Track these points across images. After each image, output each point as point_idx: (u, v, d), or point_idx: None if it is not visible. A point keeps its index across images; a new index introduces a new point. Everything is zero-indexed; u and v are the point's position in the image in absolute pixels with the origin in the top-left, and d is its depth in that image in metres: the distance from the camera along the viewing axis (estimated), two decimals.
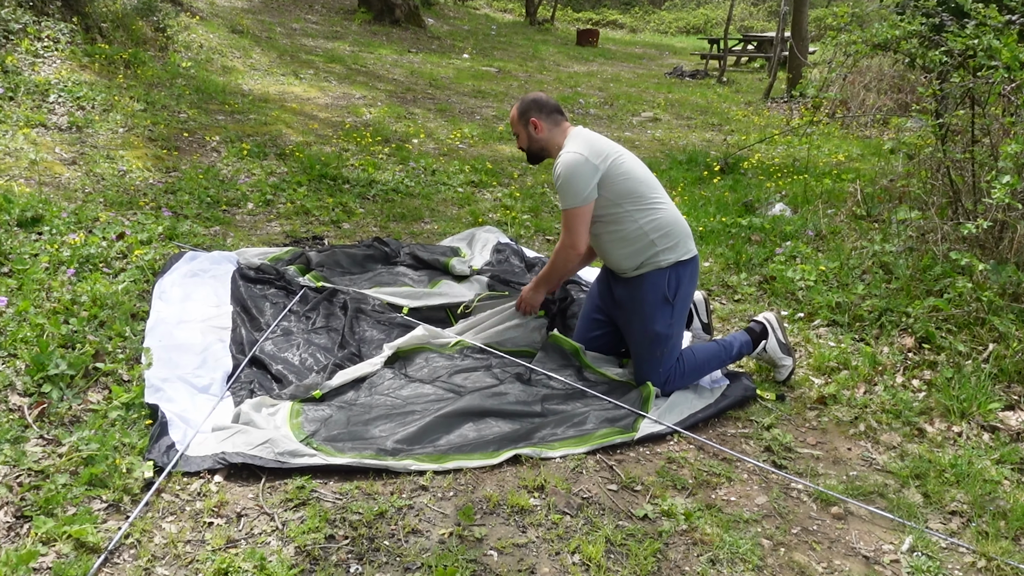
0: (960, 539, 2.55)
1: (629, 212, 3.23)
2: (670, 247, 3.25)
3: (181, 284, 3.92)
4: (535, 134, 3.42)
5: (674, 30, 28.39)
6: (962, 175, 4.55)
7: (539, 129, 3.41)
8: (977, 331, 3.66)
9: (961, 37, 4.06)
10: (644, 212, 3.23)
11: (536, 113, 3.41)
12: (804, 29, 12.84)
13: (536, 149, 3.48)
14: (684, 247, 3.30)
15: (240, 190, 5.72)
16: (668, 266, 3.25)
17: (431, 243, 5.10)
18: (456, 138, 8.40)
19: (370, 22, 16.93)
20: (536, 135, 3.42)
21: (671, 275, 3.26)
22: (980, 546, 2.50)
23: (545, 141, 3.43)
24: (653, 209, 3.26)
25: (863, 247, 4.65)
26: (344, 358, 3.46)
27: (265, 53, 11.72)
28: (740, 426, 3.21)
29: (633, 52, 20.61)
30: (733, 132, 9.91)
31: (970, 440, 3.10)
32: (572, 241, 3.27)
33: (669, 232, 3.26)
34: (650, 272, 3.26)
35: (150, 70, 8.11)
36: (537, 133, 3.42)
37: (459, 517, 2.51)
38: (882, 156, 6.99)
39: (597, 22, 27.75)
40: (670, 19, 29.43)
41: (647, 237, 3.23)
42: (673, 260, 3.25)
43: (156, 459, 2.59)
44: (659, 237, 3.23)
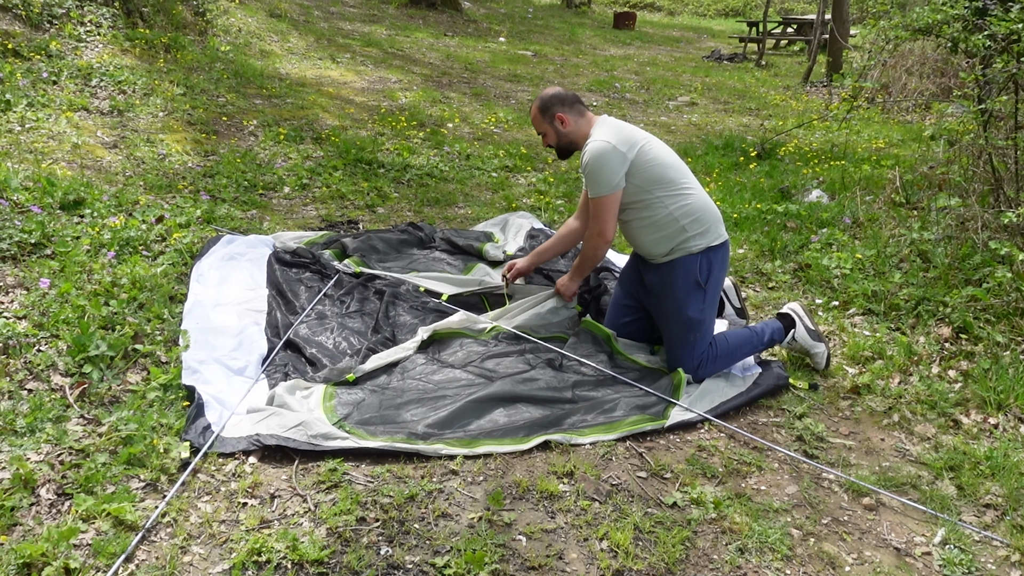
0: (994, 532, 2.53)
1: (659, 198, 3.22)
2: (701, 232, 3.24)
3: (218, 267, 3.98)
4: (562, 128, 3.40)
5: (712, 12, 28.03)
6: (1005, 162, 4.46)
7: (566, 123, 3.39)
8: (1016, 322, 3.59)
9: (1006, 21, 3.97)
10: (674, 198, 3.22)
11: (559, 107, 3.39)
12: (845, 12, 12.61)
13: (565, 143, 3.45)
14: (715, 232, 3.28)
15: (277, 174, 5.78)
16: (699, 251, 3.24)
17: (464, 228, 5.12)
18: (491, 122, 8.39)
19: (407, 5, 16.94)
20: (564, 129, 3.40)
21: (702, 260, 3.24)
22: (1015, 540, 2.47)
23: (573, 134, 3.41)
24: (683, 195, 3.24)
25: (901, 235, 4.58)
26: (377, 342, 3.49)
27: (302, 37, 11.79)
28: (772, 415, 3.19)
29: (670, 35, 20.39)
30: (771, 117, 9.78)
31: (1007, 432, 3.06)
32: (601, 229, 3.28)
33: (699, 218, 3.24)
34: (681, 258, 3.25)
35: (190, 54, 8.20)
36: (564, 127, 3.40)
37: (488, 502, 2.53)
38: (922, 142, 6.87)
39: (635, 5, 27.49)
40: (708, 1, 29.04)
41: (677, 223, 3.22)
42: (704, 245, 3.24)
43: (192, 440, 2.65)
44: (689, 223, 3.22)
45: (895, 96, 9.63)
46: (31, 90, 5.92)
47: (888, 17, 5.22)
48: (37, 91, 5.95)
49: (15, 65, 6.16)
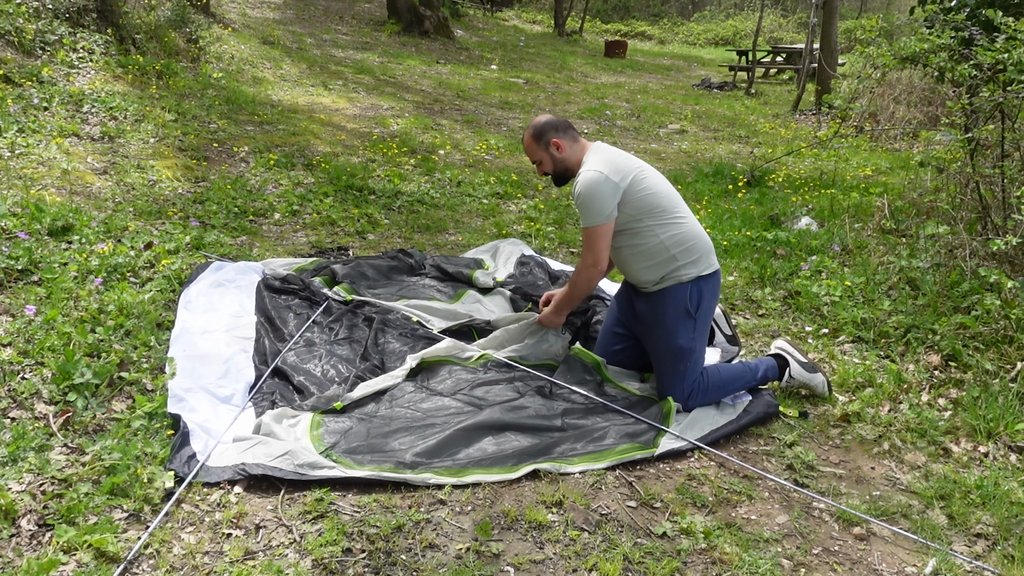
0: (985, 563, 2.51)
1: (650, 227, 3.21)
2: (692, 261, 3.24)
3: (207, 294, 3.96)
4: (558, 154, 3.38)
5: (703, 41, 28.31)
6: (992, 190, 4.49)
7: (561, 148, 3.37)
8: (1005, 349, 3.60)
9: (991, 51, 4.02)
10: (665, 227, 3.22)
11: (553, 133, 3.37)
12: (833, 41, 12.75)
13: (561, 170, 3.42)
14: (706, 262, 3.28)
15: (267, 200, 5.78)
16: (689, 280, 3.23)
17: (455, 255, 5.12)
18: (482, 149, 8.43)
19: (399, 33, 17.06)
20: (559, 155, 3.38)
21: (692, 289, 3.24)
22: (1006, 570, 2.45)
23: (568, 160, 3.38)
24: (674, 224, 3.24)
25: (890, 262, 4.59)
26: (366, 370, 3.47)
27: (295, 64, 11.84)
28: (762, 443, 3.18)
29: (661, 63, 20.57)
30: (760, 145, 9.85)
31: (997, 461, 3.05)
32: (594, 259, 3.25)
33: (691, 247, 3.24)
34: (672, 286, 3.24)
35: (182, 81, 8.22)
36: (560, 153, 3.37)
37: (477, 532, 2.51)
38: (911, 170, 6.92)
39: (626, 33, 27.74)
40: (699, 31, 29.35)
41: (668, 252, 3.22)
42: (695, 274, 3.24)
43: (177, 469, 2.62)
44: (680, 252, 3.22)
45: (883, 124, 9.71)
46: (22, 116, 5.92)
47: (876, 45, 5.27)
48: (28, 117, 5.95)
49: (6, 91, 6.17)
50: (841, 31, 16.14)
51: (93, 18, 8.00)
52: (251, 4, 16.33)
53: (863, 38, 5.39)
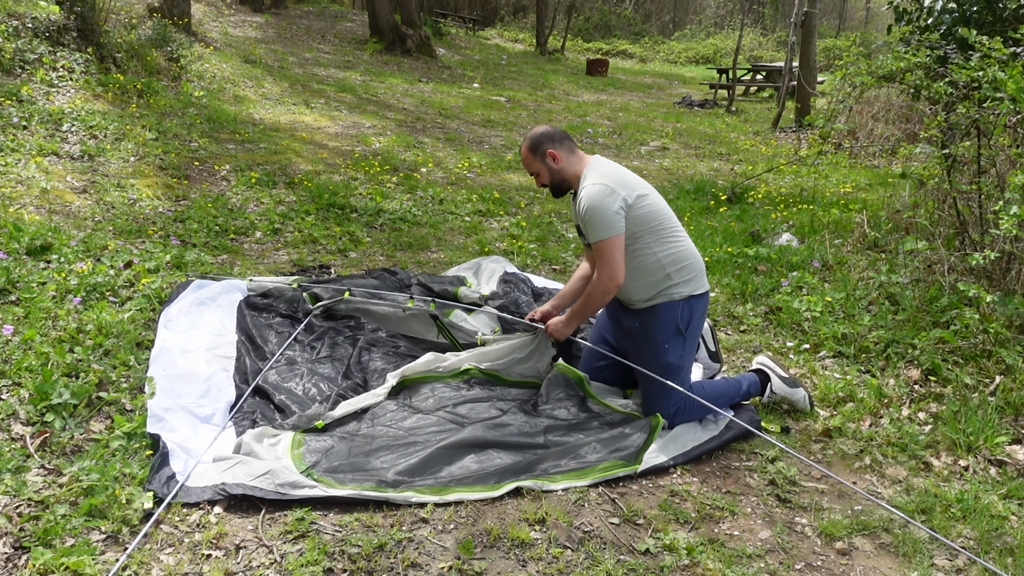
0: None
1: (648, 244, 3.21)
2: (685, 281, 3.24)
3: (187, 313, 3.93)
4: (555, 165, 3.34)
5: (684, 60, 28.57)
6: (969, 206, 4.54)
7: (558, 159, 3.33)
8: (984, 363, 3.63)
9: (966, 69, 4.08)
10: (662, 244, 3.22)
11: (550, 144, 3.33)
12: (812, 59, 12.90)
13: (558, 181, 3.37)
14: (698, 282, 3.29)
15: (249, 219, 5.76)
16: (681, 299, 3.24)
17: (437, 272, 5.11)
18: (464, 167, 8.44)
19: (382, 52, 17.12)
20: (556, 166, 3.34)
21: (684, 307, 3.24)
22: None
23: (566, 171, 3.34)
24: (672, 242, 3.24)
25: (870, 278, 4.63)
26: (348, 388, 3.46)
27: (277, 82, 11.85)
28: (744, 459, 3.18)
29: (643, 82, 20.73)
30: (741, 162, 9.93)
31: (977, 474, 3.07)
32: (612, 273, 3.17)
33: (686, 266, 3.25)
34: (663, 303, 3.24)
35: (163, 99, 8.20)
36: (557, 164, 3.33)
37: (459, 550, 2.49)
38: (889, 186, 6.99)
39: (607, 52, 27.96)
40: (680, 49, 29.63)
41: (663, 270, 3.22)
42: (687, 293, 3.24)
43: (156, 490, 2.59)
44: (675, 271, 3.22)
45: (862, 141, 9.82)
46: (1, 135, 5.88)
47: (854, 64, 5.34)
48: (7, 136, 5.92)
49: None
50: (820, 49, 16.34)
51: (73, 37, 7.98)
52: (233, 23, 16.36)
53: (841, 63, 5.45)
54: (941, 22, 6.38)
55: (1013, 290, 3.93)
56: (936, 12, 6.50)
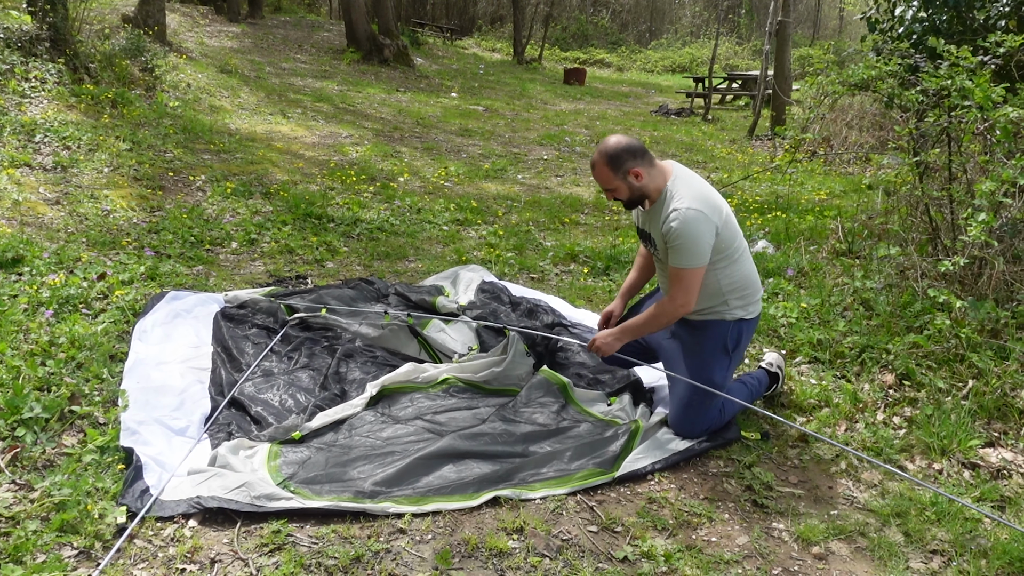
0: None
1: (716, 266, 3.13)
2: (740, 305, 3.24)
3: (162, 325, 3.90)
4: (637, 183, 3.11)
5: (660, 69, 28.75)
6: (941, 212, 4.60)
7: (640, 177, 3.10)
8: (957, 368, 3.67)
9: (936, 77, 4.13)
10: (727, 266, 3.16)
11: (632, 161, 3.08)
12: (787, 68, 13.02)
13: (638, 197, 3.18)
14: (753, 306, 3.28)
15: (224, 229, 5.72)
16: (733, 320, 3.24)
17: (415, 282, 5.10)
18: (442, 176, 8.44)
19: (359, 61, 17.10)
20: (638, 183, 3.11)
21: (734, 329, 3.25)
22: None
23: (647, 188, 3.14)
24: (736, 262, 3.18)
25: (844, 284, 4.67)
26: (325, 399, 3.44)
27: (253, 92, 11.80)
28: (722, 465, 3.19)
29: (620, 90, 20.84)
30: (717, 169, 9.99)
31: (951, 477, 3.10)
32: (686, 301, 3.08)
33: (744, 293, 3.23)
34: (715, 320, 3.24)
35: (137, 110, 8.14)
36: (639, 181, 3.11)
37: (437, 561, 2.48)
38: (863, 193, 7.06)
39: (584, 61, 28.09)
40: (656, 58, 29.82)
41: (721, 294, 3.19)
42: (740, 316, 3.24)
43: (130, 504, 2.56)
44: (732, 295, 3.21)
45: (836, 149, 9.92)
46: None
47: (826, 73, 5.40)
48: None
49: None
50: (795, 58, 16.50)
51: (46, 47, 7.90)
52: (209, 33, 16.28)
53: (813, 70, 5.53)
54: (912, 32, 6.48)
55: (984, 295, 3.97)
56: (907, 22, 6.60)
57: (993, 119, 3.84)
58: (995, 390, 3.45)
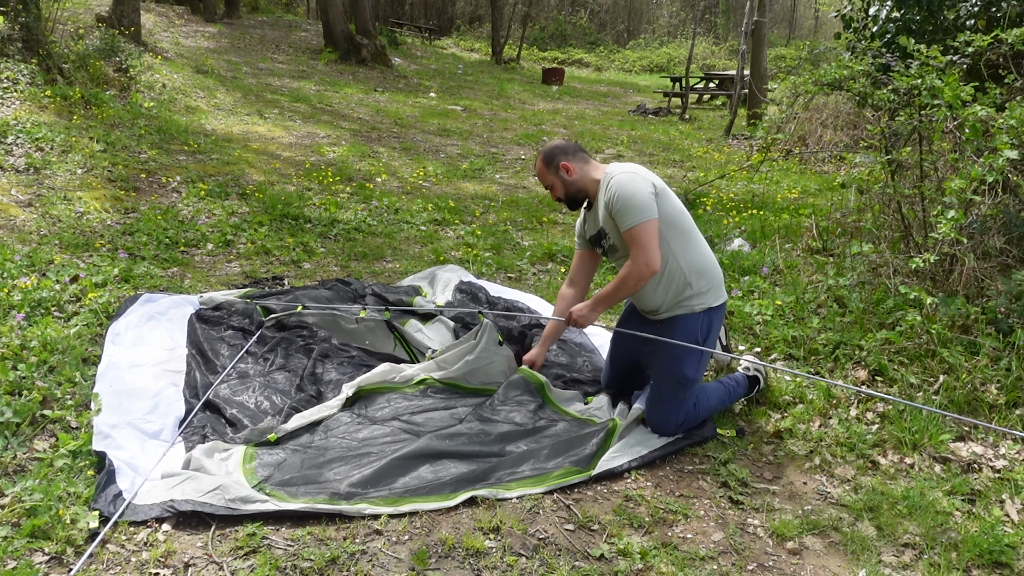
0: (913, 571, 2.57)
1: (671, 245, 3.18)
2: (705, 291, 3.25)
3: (136, 327, 3.86)
4: (569, 177, 3.34)
5: (638, 68, 28.85)
6: (912, 209, 4.65)
7: (571, 171, 3.33)
8: (928, 363, 3.71)
9: (907, 77, 4.17)
10: (685, 249, 3.21)
11: (563, 157, 3.34)
12: (763, 67, 13.11)
13: (573, 192, 3.37)
14: (717, 292, 3.30)
15: (200, 230, 5.68)
16: (702, 311, 3.26)
17: (392, 282, 5.09)
18: (420, 176, 8.43)
19: (336, 61, 17.04)
20: (570, 178, 3.34)
21: (704, 320, 3.27)
22: None
23: (580, 181, 3.34)
24: (693, 246, 3.24)
25: (818, 281, 4.71)
26: (301, 401, 3.42)
27: (230, 93, 11.73)
28: (697, 462, 3.21)
29: (598, 90, 20.89)
30: (694, 168, 10.05)
31: (922, 472, 3.14)
32: (648, 257, 3.08)
33: (707, 276, 3.26)
34: (683, 315, 3.26)
35: (111, 110, 8.07)
36: (570, 176, 3.33)
37: (413, 562, 2.48)
38: (837, 191, 7.12)
39: (563, 61, 28.13)
40: (634, 58, 29.92)
41: (685, 278, 3.22)
42: (707, 305, 3.26)
43: (102, 508, 2.54)
44: (696, 280, 3.23)
45: (811, 148, 9.99)
46: None
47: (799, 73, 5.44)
48: None
49: None
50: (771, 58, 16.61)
51: (18, 47, 7.81)
52: (184, 33, 16.17)
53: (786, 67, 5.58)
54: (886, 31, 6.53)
55: (955, 291, 4.02)
56: (880, 21, 6.66)
57: (962, 118, 3.88)
58: (965, 385, 3.50)
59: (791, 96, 5.63)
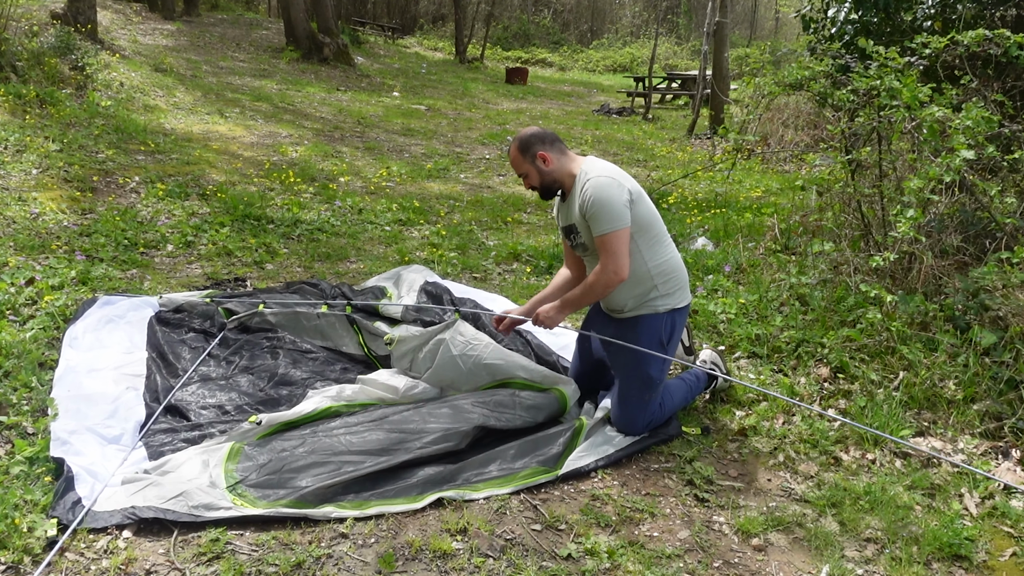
0: (876, 566, 2.61)
1: (640, 248, 3.18)
2: (670, 293, 3.26)
3: (94, 331, 3.80)
4: (545, 167, 3.25)
5: (601, 68, 28.96)
6: (872, 208, 4.72)
7: (548, 161, 3.24)
8: (888, 360, 3.77)
9: (866, 78, 4.23)
10: (653, 251, 3.21)
11: (540, 146, 3.25)
12: (725, 68, 13.23)
13: (548, 183, 3.28)
14: (682, 294, 3.31)
15: (160, 231, 5.59)
16: (665, 311, 3.26)
17: (356, 283, 5.05)
18: (384, 176, 8.38)
19: (298, 60, 16.88)
20: (547, 168, 3.25)
21: (667, 320, 3.27)
22: (894, 572, 2.55)
23: (556, 172, 3.26)
24: (661, 249, 3.24)
25: (781, 280, 4.76)
26: (267, 403, 3.38)
27: (189, 92, 11.57)
28: (663, 460, 3.23)
29: (562, 90, 20.94)
30: (658, 168, 10.11)
31: (883, 467, 3.18)
32: (617, 266, 3.10)
33: (672, 278, 3.26)
34: (647, 315, 3.26)
35: (66, 109, 7.91)
36: (547, 166, 3.25)
37: (380, 565, 2.46)
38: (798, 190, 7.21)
39: (526, 60, 28.15)
40: (598, 58, 30.03)
41: (651, 280, 3.22)
42: (671, 306, 3.26)
43: (61, 516, 2.49)
44: (662, 282, 3.23)
45: (773, 147, 10.11)
46: None
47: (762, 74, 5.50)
48: None
49: None
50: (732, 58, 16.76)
51: None
52: (142, 31, 15.92)
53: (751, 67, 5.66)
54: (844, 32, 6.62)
55: (914, 289, 4.09)
56: (839, 22, 6.74)
57: (920, 118, 3.95)
58: (924, 381, 3.56)
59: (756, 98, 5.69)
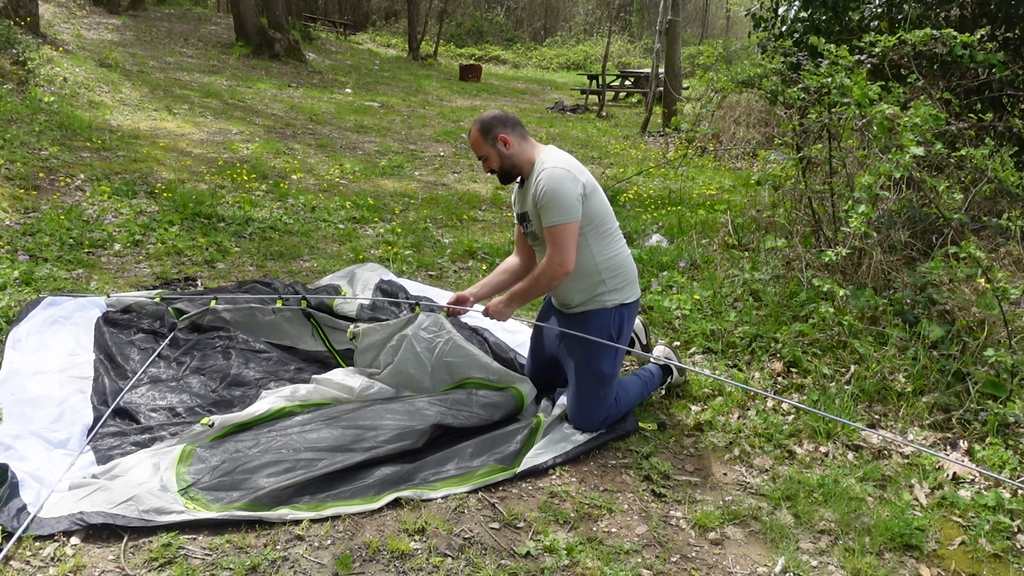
0: (830, 557, 2.64)
1: (588, 242, 3.18)
2: (618, 288, 3.26)
3: (38, 332, 3.69)
4: (506, 150, 3.22)
5: (555, 66, 29.03)
6: (823, 205, 4.79)
7: (509, 145, 3.22)
8: (840, 354, 3.83)
9: (817, 75, 4.29)
10: (602, 246, 3.21)
11: (502, 128, 3.22)
12: (677, 66, 13.35)
13: (508, 167, 3.26)
14: (631, 289, 3.31)
15: (107, 230, 5.46)
16: (614, 307, 3.26)
17: (309, 282, 4.99)
18: (337, 174, 8.29)
19: (249, 56, 16.63)
20: (507, 151, 3.22)
21: (616, 315, 3.27)
22: (847, 562, 2.59)
23: (517, 156, 3.24)
24: (610, 245, 3.24)
25: (734, 276, 4.82)
26: (219, 405, 3.32)
27: (136, 87, 11.33)
28: (620, 456, 3.24)
29: (516, 87, 20.94)
30: (612, 165, 10.16)
31: (836, 459, 3.23)
32: (563, 259, 3.10)
33: (621, 273, 3.26)
34: (596, 310, 3.26)
35: (7, 105, 7.69)
36: (508, 149, 3.22)
37: (336, 567, 2.43)
38: (751, 187, 7.30)
39: (480, 58, 28.11)
40: (551, 55, 30.09)
41: (599, 275, 3.22)
42: (619, 301, 3.26)
43: (5, 524, 2.41)
44: (610, 277, 3.23)
45: (726, 144, 10.23)
46: None
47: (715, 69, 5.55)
48: None
49: None
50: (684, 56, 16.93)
51: None
52: (87, 25, 15.55)
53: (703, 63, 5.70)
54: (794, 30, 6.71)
55: (864, 284, 4.16)
56: (789, 20, 6.84)
57: (870, 116, 4.01)
58: (875, 374, 3.63)
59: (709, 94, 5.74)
